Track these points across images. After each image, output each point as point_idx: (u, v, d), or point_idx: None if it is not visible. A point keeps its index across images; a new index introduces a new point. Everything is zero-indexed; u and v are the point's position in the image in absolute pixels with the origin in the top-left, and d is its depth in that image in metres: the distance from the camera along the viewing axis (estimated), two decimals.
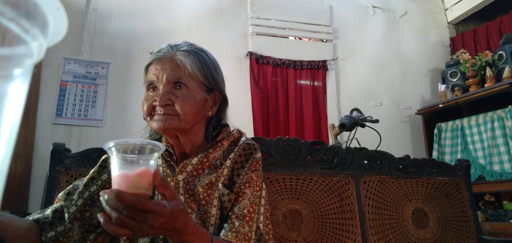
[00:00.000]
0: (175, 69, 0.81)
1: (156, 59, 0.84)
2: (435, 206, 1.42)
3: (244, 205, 0.81)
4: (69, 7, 2.71)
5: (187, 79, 0.81)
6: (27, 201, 2.40)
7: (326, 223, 1.28)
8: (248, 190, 0.83)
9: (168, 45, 0.86)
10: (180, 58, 0.82)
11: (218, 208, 0.81)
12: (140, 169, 0.60)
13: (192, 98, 0.81)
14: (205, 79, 0.84)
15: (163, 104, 0.79)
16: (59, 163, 1.12)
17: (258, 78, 3.12)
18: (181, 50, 0.84)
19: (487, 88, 2.89)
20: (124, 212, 0.58)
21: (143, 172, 0.60)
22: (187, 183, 0.83)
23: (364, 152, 1.41)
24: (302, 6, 3.41)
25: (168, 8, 3.10)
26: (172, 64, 0.82)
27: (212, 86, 0.87)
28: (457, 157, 2.89)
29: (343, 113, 3.13)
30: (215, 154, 0.87)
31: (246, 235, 0.78)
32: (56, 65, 2.68)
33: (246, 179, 0.84)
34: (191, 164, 0.84)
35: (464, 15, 3.77)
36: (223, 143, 0.89)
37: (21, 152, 2.37)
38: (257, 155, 0.88)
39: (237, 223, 0.78)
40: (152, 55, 0.86)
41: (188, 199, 0.82)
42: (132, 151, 0.61)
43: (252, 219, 0.81)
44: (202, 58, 0.85)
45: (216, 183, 0.83)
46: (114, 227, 0.59)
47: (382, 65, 3.57)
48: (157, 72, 0.82)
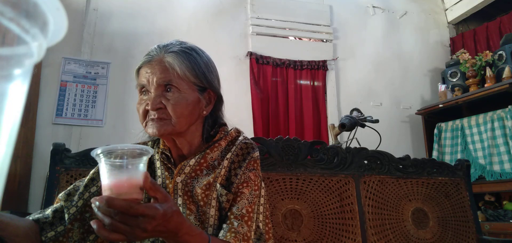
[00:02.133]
0: (164, 72, 0.80)
1: (146, 62, 0.83)
2: (435, 206, 1.42)
3: (242, 205, 0.80)
4: (69, 7, 2.71)
5: (177, 81, 0.80)
6: (27, 201, 2.40)
7: (326, 223, 1.28)
8: (246, 190, 0.82)
9: (158, 47, 0.84)
10: (168, 60, 0.80)
11: (217, 208, 0.81)
12: (130, 174, 0.60)
13: (183, 100, 0.80)
14: (197, 79, 0.83)
15: (155, 108, 0.78)
16: (59, 163, 1.12)
17: (258, 78, 3.12)
18: (170, 51, 0.82)
19: (487, 88, 2.89)
20: (116, 218, 0.58)
21: (132, 177, 0.60)
22: (185, 184, 0.83)
23: (364, 152, 1.41)
24: (302, 6, 3.41)
25: (168, 8, 3.10)
26: (161, 67, 0.80)
27: (205, 85, 0.85)
28: (457, 157, 2.89)
29: (343, 113, 3.13)
30: (213, 155, 0.86)
31: (245, 235, 0.77)
32: (56, 65, 2.68)
33: (243, 178, 0.83)
34: (189, 166, 0.84)
35: (464, 15, 3.77)
36: (220, 143, 0.88)
37: (21, 152, 2.37)
38: (255, 154, 0.87)
39: (236, 223, 0.78)
40: (144, 55, 0.85)
41: (187, 201, 0.81)
42: (121, 157, 0.60)
43: (251, 218, 0.80)
44: (192, 58, 0.83)
45: (214, 183, 0.82)
46: (107, 233, 0.59)
47: (382, 65, 3.57)
48: (148, 76, 0.81)
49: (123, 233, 0.59)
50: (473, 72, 3.15)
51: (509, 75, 2.79)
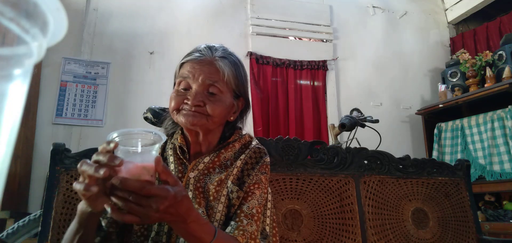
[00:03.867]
0: (213, 73, 0.85)
1: (195, 59, 0.86)
2: (435, 206, 1.42)
3: (253, 204, 0.83)
4: (69, 7, 2.71)
5: (222, 84, 0.85)
6: (27, 201, 2.40)
7: (326, 223, 1.28)
8: (257, 191, 0.85)
9: (207, 47, 0.89)
10: (220, 64, 0.86)
11: (225, 205, 0.83)
12: (143, 157, 0.62)
13: (223, 103, 0.85)
14: (236, 87, 0.90)
15: (195, 104, 0.82)
16: (59, 163, 1.12)
17: (258, 78, 3.12)
18: (220, 56, 0.88)
19: (487, 88, 2.89)
20: (130, 199, 0.60)
21: (145, 160, 0.62)
22: (197, 180, 0.85)
23: (364, 152, 1.41)
24: (302, 6, 3.41)
25: (168, 8, 3.10)
26: (211, 67, 0.85)
27: (241, 93, 0.92)
28: (457, 157, 2.89)
29: (343, 113, 3.13)
30: (226, 155, 0.90)
31: (252, 233, 0.80)
32: (56, 65, 2.68)
33: (256, 179, 0.86)
34: (203, 163, 0.87)
35: (464, 15, 3.77)
36: (234, 144, 0.92)
37: (21, 152, 2.37)
38: (267, 159, 0.91)
39: (245, 221, 0.80)
40: (189, 54, 0.89)
41: (198, 196, 0.83)
42: (135, 141, 0.63)
43: (259, 219, 0.83)
44: (237, 68, 0.91)
45: (226, 180, 0.85)
46: (121, 215, 0.62)
47: (382, 65, 3.57)
48: (194, 71, 0.84)
49: (136, 213, 0.61)
50: (473, 72, 3.15)
51: (509, 75, 2.79)
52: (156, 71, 2.92)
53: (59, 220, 1.05)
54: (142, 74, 2.88)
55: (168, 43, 2.99)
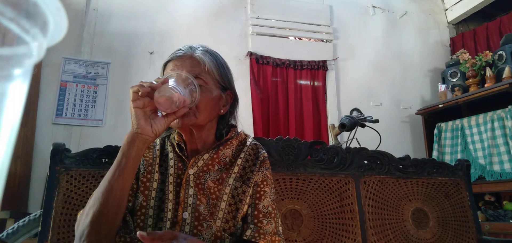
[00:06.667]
0: (195, 65, 0.86)
1: (176, 56, 0.89)
2: (435, 206, 1.42)
3: (267, 202, 0.87)
4: (69, 7, 2.71)
5: (205, 75, 0.87)
6: (27, 201, 2.40)
7: (326, 223, 1.28)
8: (267, 188, 0.89)
9: (187, 46, 0.91)
10: (199, 55, 0.88)
11: (228, 203, 0.85)
12: None
13: (209, 93, 0.86)
14: (220, 78, 0.90)
15: None
16: (59, 163, 1.12)
17: (258, 78, 3.12)
18: (200, 51, 0.90)
19: (487, 88, 2.89)
20: None
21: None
22: (197, 177, 0.87)
23: (364, 152, 1.41)
24: (302, 6, 3.41)
25: (168, 8, 3.10)
26: (191, 61, 0.87)
27: (226, 85, 0.93)
28: (457, 157, 2.89)
29: (343, 113, 3.13)
30: (225, 152, 0.92)
31: (273, 231, 0.84)
32: (56, 65, 2.68)
33: (262, 177, 0.90)
34: (202, 159, 0.88)
35: (464, 15, 3.77)
36: (232, 141, 0.94)
37: (21, 152, 2.37)
38: (265, 154, 0.95)
39: (265, 221, 0.84)
40: (171, 55, 0.91)
41: (198, 193, 0.85)
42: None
43: (276, 214, 0.88)
44: (217, 58, 0.92)
45: (227, 179, 0.88)
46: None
47: (382, 65, 3.57)
48: (176, 68, 0.87)
49: None
50: (473, 72, 3.15)
51: (509, 75, 2.79)
52: (156, 71, 2.90)
53: (59, 220, 1.05)
54: (142, 74, 2.88)
55: (168, 43, 2.99)
